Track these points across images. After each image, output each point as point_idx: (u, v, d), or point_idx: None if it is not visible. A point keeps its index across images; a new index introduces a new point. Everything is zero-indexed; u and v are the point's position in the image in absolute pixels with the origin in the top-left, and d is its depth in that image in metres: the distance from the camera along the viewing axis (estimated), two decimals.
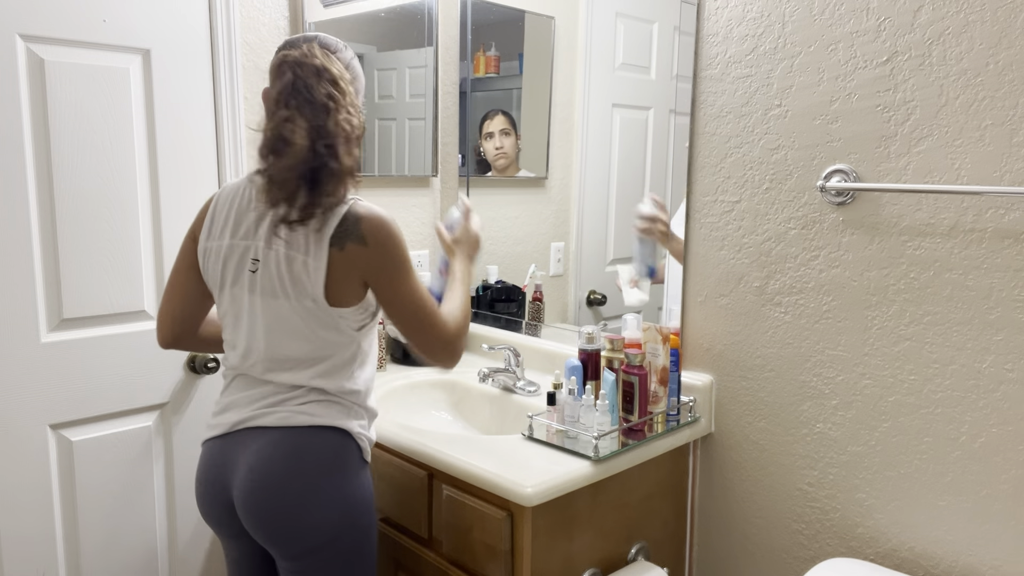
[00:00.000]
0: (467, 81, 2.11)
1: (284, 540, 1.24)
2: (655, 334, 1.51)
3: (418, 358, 1.87)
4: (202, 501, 1.33)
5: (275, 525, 1.23)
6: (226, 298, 1.30)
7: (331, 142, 1.15)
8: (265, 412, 1.27)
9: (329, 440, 1.26)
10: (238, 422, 1.28)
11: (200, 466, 1.34)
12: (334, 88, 1.18)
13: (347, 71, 1.25)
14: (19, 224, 1.52)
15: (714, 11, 1.52)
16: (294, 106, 1.16)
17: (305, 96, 1.16)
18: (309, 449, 1.24)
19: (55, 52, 1.53)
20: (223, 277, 1.29)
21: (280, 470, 1.23)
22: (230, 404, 1.31)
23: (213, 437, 1.32)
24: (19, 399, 1.56)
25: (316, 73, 1.18)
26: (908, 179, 1.31)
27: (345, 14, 1.96)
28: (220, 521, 1.32)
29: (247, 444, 1.27)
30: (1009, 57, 1.18)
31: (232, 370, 1.33)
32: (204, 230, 1.30)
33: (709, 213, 1.58)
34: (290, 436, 1.25)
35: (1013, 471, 1.24)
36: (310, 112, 1.15)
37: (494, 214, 2.10)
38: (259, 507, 1.23)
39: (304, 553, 1.25)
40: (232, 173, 1.80)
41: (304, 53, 1.20)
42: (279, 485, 1.22)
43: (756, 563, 1.59)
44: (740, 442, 1.59)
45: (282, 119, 1.15)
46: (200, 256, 1.31)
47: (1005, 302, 1.22)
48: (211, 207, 1.31)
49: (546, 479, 1.29)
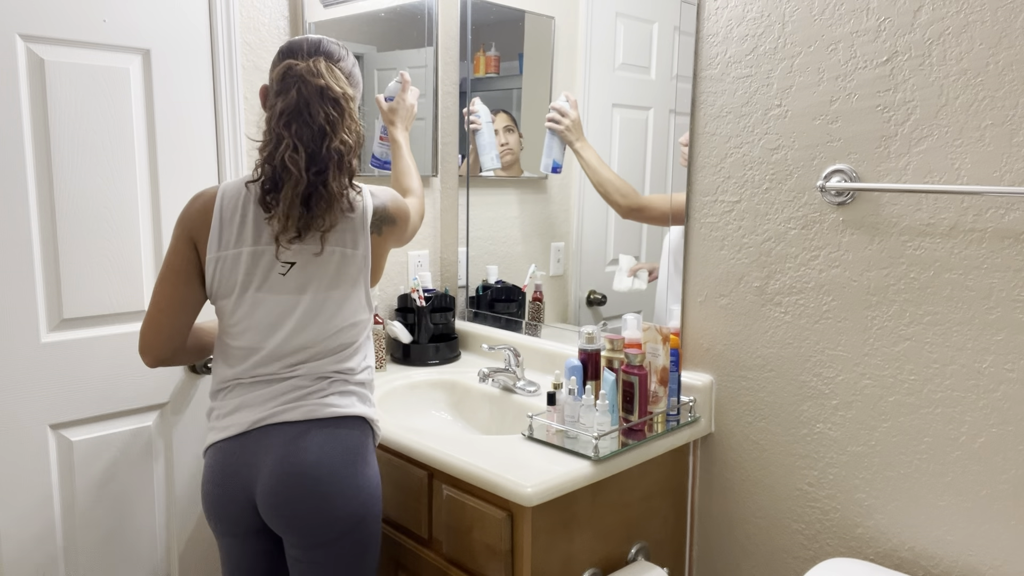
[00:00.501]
0: (467, 81, 2.11)
1: (311, 529, 1.27)
2: (655, 334, 1.51)
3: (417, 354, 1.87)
4: (216, 503, 1.32)
5: (305, 514, 1.26)
6: (246, 302, 1.30)
7: (322, 168, 1.24)
8: (287, 408, 1.30)
9: (353, 429, 1.32)
10: (256, 420, 1.30)
11: (213, 467, 1.32)
12: (334, 109, 1.24)
13: (348, 80, 1.31)
14: (19, 224, 1.52)
15: (714, 11, 1.52)
16: (294, 131, 1.22)
17: (305, 119, 1.23)
18: (337, 439, 1.30)
19: (55, 52, 1.53)
20: (245, 282, 1.30)
21: (313, 460, 1.26)
22: (242, 404, 1.32)
23: (227, 438, 1.31)
24: (19, 399, 1.56)
25: (319, 93, 1.23)
26: (908, 179, 1.31)
27: (345, 14, 1.96)
28: (234, 520, 1.32)
29: (271, 440, 1.28)
30: (1009, 57, 1.18)
31: (238, 375, 1.33)
32: (213, 240, 1.29)
33: (709, 213, 1.58)
34: (318, 428, 1.29)
35: (1013, 471, 1.24)
36: (308, 136, 1.23)
37: (494, 214, 2.10)
38: (292, 497, 1.25)
39: (329, 542, 1.28)
40: (232, 173, 1.80)
41: (309, 69, 1.24)
42: (313, 475, 1.26)
43: (756, 563, 1.59)
44: (740, 442, 1.59)
45: (284, 148, 1.22)
46: (210, 265, 1.30)
47: (1005, 302, 1.22)
48: (216, 216, 1.30)
49: (546, 479, 1.29)
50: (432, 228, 2.25)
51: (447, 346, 2.05)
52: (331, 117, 1.24)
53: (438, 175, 2.24)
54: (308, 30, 1.89)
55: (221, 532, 1.36)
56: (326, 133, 1.23)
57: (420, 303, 2.04)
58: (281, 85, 1.25)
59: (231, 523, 1.33)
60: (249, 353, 1.32)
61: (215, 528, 1.36)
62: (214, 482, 1.32)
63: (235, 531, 1.34)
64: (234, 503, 1.31)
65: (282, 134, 1.23)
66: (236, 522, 1.32)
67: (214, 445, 1.33)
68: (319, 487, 1.26)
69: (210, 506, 1.33)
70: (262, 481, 1.28)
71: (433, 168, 2.22)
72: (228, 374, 1.34)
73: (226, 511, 1.32)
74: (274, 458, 1.27)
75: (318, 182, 1.24)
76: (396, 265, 2.16)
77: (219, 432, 1.33)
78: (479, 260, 2.16)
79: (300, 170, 1.21)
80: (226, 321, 1.34)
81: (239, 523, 1.32)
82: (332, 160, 1.24)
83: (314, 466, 1.26)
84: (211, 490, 1.32)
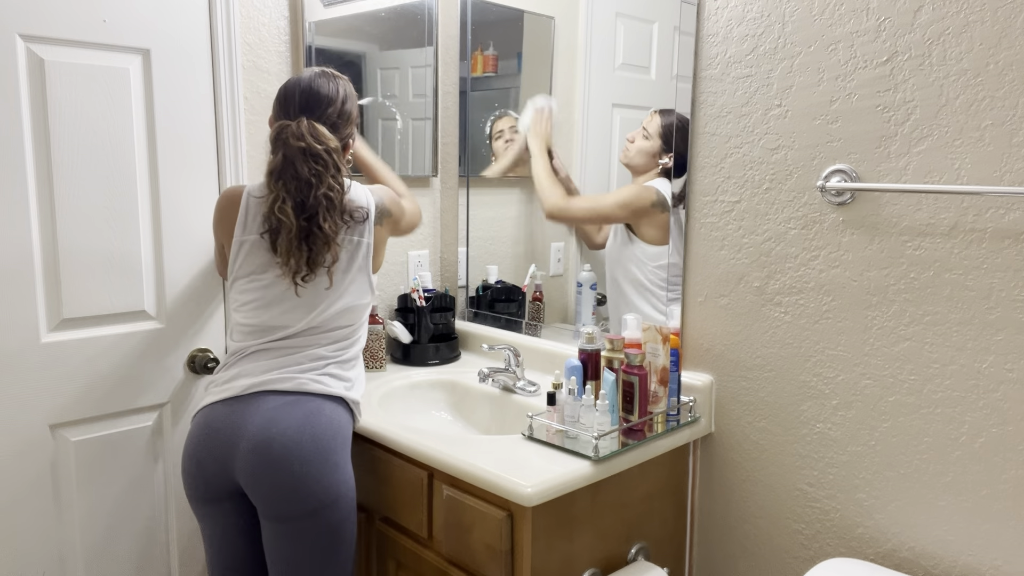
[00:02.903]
0: (465, 80, 2.11)
1: (287, 498, 1.35)
2: (655, 334, 1.51)
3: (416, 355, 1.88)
4: (193, 462, 1.41)
5: (282, 481, 1.34)
6: (262, 283, 1.47)
7: (312, 214, 1.42)
8: (280, 379, 1.43)
9: (337, 409, 1.45)
10: (249, 386, 1.42)
11: (199, 426, 1.42)
12: (317, 164, 1.41)
13: (339, 119, 1.48)
14: (19, 224, 1.52)
15: (714, 11, 1.52)
16: (282, 186, 1.41)
17: (291, 174, 1.41)
18: (321, 414, 1.41)
19: (55, 52, 1.53)
20: (263, 264, 1.47)
21: (295, 427, 1.37)
22: (240, 373, 1.45)
23: (217, 401, 1.43)
24: (19, 399, 1.56)
25: (301, 153, 1.41)
26: (908, 179, 1.31)
27: (345, 13, 1.96)
28: (209, 483, 1.41)
29: (258, 404, 1.40)
30: (1009, 57, 1.18)
31: (243, 348, 1.47)
32: (239, 225, 1.49)
33: (709, 213, 1.58)
34: (303, 401, 1.41)
35: (1013, 471, 1.24)
36: (295, 188, 1.41)
37: (494, 214, 2.10)
38: (273, 459, 1.34)
39: (303, 515, 1.36)
40: (232, 172, 1.80)
41: (293, 132, 1.42)
42: (295, 442, 1.36)
43: (756, 563, 1.59)
44: (740, 442, 1.59)
45: (275, 201, 1.41)
46: (235, 247, 1.49)
47: (1005, 302, 1.22)
48: (243, 205, 1.49)
49: (546, 479, 1.29)
50: (432, 228, 2.25)
51: (447, 346, 2.05)
52: (315, 170, 1.41)
53: (438, 175, 2.24)
54: (308, 30, 1.89)
55: (194, 496, 1.43)
56: (311, 184, 1.41)
57: (420, 303, 2.04)
58: (273, 146, 1.44)
59: (206, 484, 1.41)
60: (258, 330, 1.47)
61: (189, 491, 1.44)
62: (196, 440, 1.42)
63: (211, 495, 1.42)
64: (215, 461, 1.39)
65: (274, 188, 1.42)
66: (208, 484, 1.41)
67: (203, 408, 1.44)
68: (299, 452, 1.35)
69: (189, 464, 1.42)
70: (245, 441, 1.37)
71: (433, 168, 2.22)
72: (234, 347, 1.49)
73: (203, 469, 1.40)
74: (260, 421, 1.37)
75: (311, 226, 1.42)
76: (396, 265, 2.16)
77: (214, 395, 1.44)
78: (479, 260, 2.16)
79: (290, 218, 1.40)
80: (241, 299, 1.49)
81: (212, 484, 1.41)
82: (321, 205, 1.42)
83: (293, 432, 1.36)
84: (194, 450, 1.42)
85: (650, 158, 1.67)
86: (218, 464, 1.39)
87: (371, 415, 1.63)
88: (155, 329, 1.73)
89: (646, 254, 1.72)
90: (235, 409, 1.40)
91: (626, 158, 1.71)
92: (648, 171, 1.69)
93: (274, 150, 1.44)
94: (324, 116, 1.47)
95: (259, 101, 1.84)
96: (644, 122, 1.69)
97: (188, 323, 1.78)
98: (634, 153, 1.71)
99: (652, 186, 1.69)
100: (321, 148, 1.42)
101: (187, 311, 1.77)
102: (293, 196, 1.41)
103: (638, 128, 1.70)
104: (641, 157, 1.69)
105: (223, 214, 1.53)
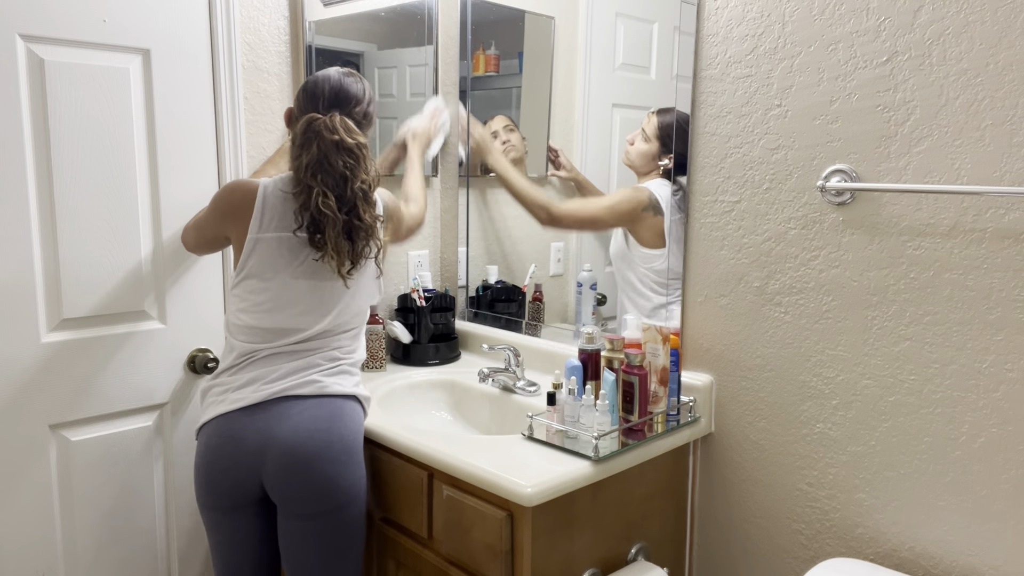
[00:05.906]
0: (466, 80, 2.11)
1: (316, 497, 1.38)
2: (655, 334, 1.51)
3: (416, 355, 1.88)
4: (217, 471, 1.40)
5: (314, 482, 1.38)
6: (277, 284, 1.45)
7: (351, 206, 1.42)
8: (302, 383, 1.44)
9: (355, 407, 1.49)
10: (271, 394, 1.42)
11: (220, 436, 1.41)
12: (350, 158, 1.41)
13: (364, 119, 1.49)
14: (19, 224, 1.52)
15: (714, 11, 1.52)
16: (320, 180, 1.40)
17: (327, 168, 1.40)
18: (344, 414, 1.44)
19: (55, 52, 1.53)
20: (280, 265, 1.45)
21: (323, 429, 1.40)
22: (256, 378, 1.44)
23: (236, 409, 1.41)
24: (19, 399, 1.56)
25: (335, 147, 1.40)
26: (908, 179, 1.31)
27: (345, 13, 1.96)
28: (231, 491, 1.41)
29: (284, 410, 1.41)
30: (1009, 57, 1.18)
31: (255, 351, 1.45)
32: (254, 222, 1.45)
33: (709, 213, 1.58)
34: (327, 403, 1.44)
35: (1013, 471, 1.24)
36: (332, 183, 1.40)
37: (494, 214, 2.10)
38: (304, 462, 1.37)
39: (329, 511, 1.40)
40: (232, 173, 1.80)
41: (326, 125, 1.40)
42: (326, 443, 1.39)
43: (756, 563, 1.59)
44: (740, 442, 1.59)
45: (317, 196, 1.39)
46: (248, 244, 1.46)
47: (1005, 302, 1.22)
48: (259, 201, 1.45)
49: (546, 479, 1.29)
50: (432, 228, 2.25)
51: (447, 346, 2.05)
52: (349, 164, 1.41)
53: (438, 175, 2.24)
54: (308, 29, 1.89)
55: (214, 505, 1.43)
56: (347, 178, 1.41)
57: (420, 303, 2.04)
58: (303, 138, 1.41)
59: (228, 494, 1.41)
60: (270, 332, 1.45)
61: (209, 501, 1.43)
62: (215, 449, 1.41)
63: (228, 504, 1.42)
64: (240, 468, 1.40)
65: (311, 184, 1.40)
66: (232, 493, 1.41)
67: (219, 417, 1.42)
68: (329, 453, 1.39)
69: (208, 474, 1.41)
70: (275, 447, 1.38)
71: (433, 168, 2.22)
72: (246, 349, 1.46)
73: (227, 478, 1.40)
74: (290, 426, 1.39)
75: (352, 218, 1.42)
76: (396, 265, 2.16)
77: (227, 405, 1.43)
78: (479, 260, 2.16)
79: (334, 211, 1.39)
80: (252, 299, 1.46)
81: (236, 493, 1.41)
82: (358, 197, 1.42)
83: (326, 433, 1.40)
84: (212, 459, 1.41)
85: (650, 160, 1.67)
86: (244, 472, 1.40)
87: (371, 415, 1.63)
88: (155, 329, 1.73)
89: (640, 256, 1.72)
90: (258, 417, 1.40)
91: (627, 160, 1.72)
92: (649, 172, 1.69)
93: (305, 142, 1.41)
94: (352, 114, 1.46)
95: (259, 101, 1.84)
96: (642, 123, 1.69)
97: (188, 323, 1.78)
98: (634, 156, 1.71)
99: (646, 188, 1.69)
100: (353, 143, 1.42)
101: (187, 311, 1.77)
102: (333, 190, 1.40)
103: (637, 129, 1.70)
104: (641, 159, 1.69)
105: (233, 207, 1.48)
